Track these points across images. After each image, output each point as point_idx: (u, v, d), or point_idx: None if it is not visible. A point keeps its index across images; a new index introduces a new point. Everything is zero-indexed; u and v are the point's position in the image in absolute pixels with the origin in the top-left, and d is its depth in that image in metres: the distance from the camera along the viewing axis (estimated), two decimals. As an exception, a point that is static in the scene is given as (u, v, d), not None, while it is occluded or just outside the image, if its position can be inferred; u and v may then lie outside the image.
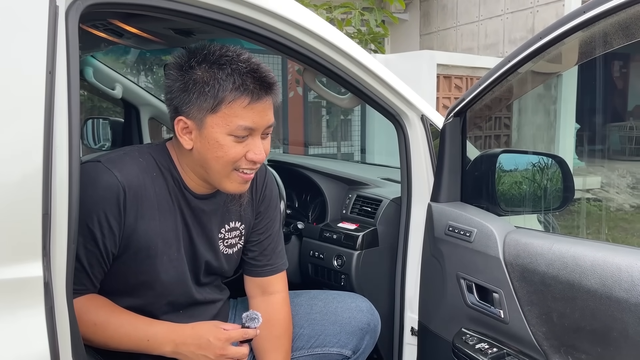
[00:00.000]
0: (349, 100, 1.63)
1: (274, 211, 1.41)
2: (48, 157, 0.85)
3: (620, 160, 8.44)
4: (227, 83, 1.09)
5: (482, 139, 6.06)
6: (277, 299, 1.38)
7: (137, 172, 1.15)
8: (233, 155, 1.13)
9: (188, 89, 1.10)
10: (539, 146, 6.63)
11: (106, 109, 4.47)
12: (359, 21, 6.26)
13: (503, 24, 7.57)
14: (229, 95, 1.09)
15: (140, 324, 1.15)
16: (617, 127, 8.95)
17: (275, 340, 1.33)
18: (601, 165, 8.08)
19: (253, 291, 1.40)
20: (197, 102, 1.10)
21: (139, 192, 1.14)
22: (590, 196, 7.03)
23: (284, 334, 1.35)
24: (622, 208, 7.01)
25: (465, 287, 1.37)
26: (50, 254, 0.86)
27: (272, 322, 1.33)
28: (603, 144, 8.74)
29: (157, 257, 1.18)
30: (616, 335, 1.01)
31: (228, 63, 1.10)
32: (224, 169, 1.15)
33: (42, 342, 0.83)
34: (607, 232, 5.99)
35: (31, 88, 0.84)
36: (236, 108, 1.10)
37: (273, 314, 1.35)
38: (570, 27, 1.09)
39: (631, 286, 0.97)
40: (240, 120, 1.11)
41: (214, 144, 1.12)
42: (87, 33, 1.72)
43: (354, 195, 1.82)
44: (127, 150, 1.20)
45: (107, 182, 1.10)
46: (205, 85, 1.09)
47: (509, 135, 6.41)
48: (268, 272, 1.38)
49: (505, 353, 1.25)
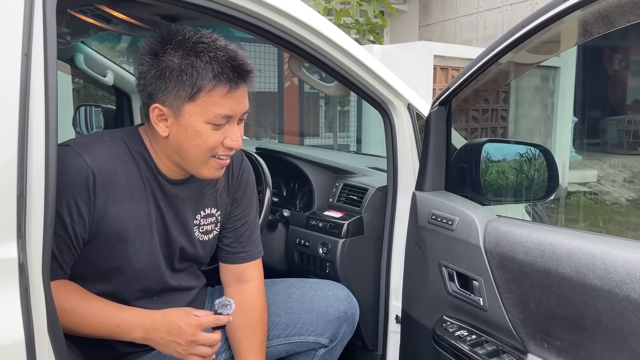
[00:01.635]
0: (336, 88, 1.63)
1: (250, 198, 1.40)
2: (23, 140, 0.85)
3: (618, 154, 8.43)
4: (205, 72, 1.08)
5: (479, 131, 6.06)
6: (252, 286, 1.38)
7: (108, 156, 1.14)
8: (211, 142, 1.13)
9: (165, 76, 1.09)
10: (536, 139, 6.63)
11: (102, 97, 4.47)
12: (357, 12, 6.24)
13: (502, 16, 7.55)
14: (207, 84, 1.08)
15: (111, 310, 1.14)
16: (615, 121, 8.93)
17: (250, 328, 1.33)
18: (598, 159, 8.08)
19: (228, 279, 1.40)
20: (174, 90, 1.09)
21: (109, 176, 1.13)
22: (586, 189, 7.04)
23: (259, 322, 1.35)
24: (618, 202, 7.02)
25: (446, 275, 1.38)
26: (25, 236, 0.86)
27: (247, 310, 1.33)
28: (601, 137, 8.74)
29: (128, 242, 1.18)
30: (590, 322, 1.02)
31: (205, 50, 1.09)
32: (201, 156, 1.15)
33: (16, 322, 0.84)
34: (602, 225, 6.01)
35: (6, 70, 0.84)
36: (215, 97, 1.10)
37: (248, 302, 1.35)
38: (551, 15, 1.09)
39: (604, 274, 0.98)
40: (218, 109, 1.10)
41: (192, 132, 1.12)
42: (76, 19, 1.72)
43: (341, 183, 1.83)
44: (98, 135, 1.20)
45: (76, 166, 1.09)
46: (183, 74, 1.08)
47: (505, 128, 6.41)
48: (243, 259, 1.38)
49: (483, 340, 1.26)
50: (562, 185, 6.48)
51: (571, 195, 6.61)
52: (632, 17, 1.01)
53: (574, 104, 6.91)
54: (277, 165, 1.96)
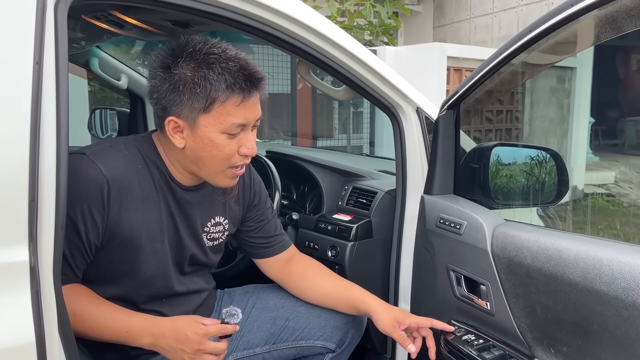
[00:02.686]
0: (344, 92, 1.64)
1: (266, 200, 1.46)
2: (35, 146, 0.88)
3: (636, 155, 8.30)
4: (218, 83, 1.09)
5: (493, 132, 6.01)
6: (299, 256, 1.49)
7: (122, 164, 1.16)
8: (228, 152, 1.15)
9: (178, 89, 1.10)
10: (551, 140, 6.56)
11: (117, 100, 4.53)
12: (370, 13, 6.23)
13: (517, 16, 7.49)
14: (221, 95, 1.10)
15: (119, 316, 1.16)
16: (633, 122, 8.79)
17: (328, 274, 1.46)
18: (615, 160, 7.97)
19: (273, 271, 1.47)
20: (188, 103, 1.11)
21: (123, 185, 1.15)
22: (603, 191, 6.95)
23: (326, 270, 1.47)
24: (635, 204, 6.92)
25: (454, 279, 1.38)
26: (37, 240, 0.88)
27: (311, 270, 1.46)
28: (618, 138, 8.61)
29: (140, 249, 1.20)
30: (596, 327, 1.01)
31: (217, 62, 1.10)
32: (219, 166, 1.17)
33: (27, 324, 0.86)
34: (619, 227, 5.93)
35: (18, 78, 0.86)
36: (229, 107, 1.11)
37: (306, 264, 1.47)
38: (559, 20, 1.09)
39: (611, 279, 0.98)
40: (233, 119, 1.12)
41: (209, 143, 1.14)
42: (90, 24, 1.75)
43: (350, 186, 1.84)
44: (113, 143, 1.22)
45: (91, 175, 1.11)
46: (197, 86, 1.09)
47: (519, 129, 6.35)
48: (279, 249, 1.45)
49: (491, 345, 1.26)
50: (579, 187, 6.41)
51: (588, 197, 6.53)
52: (639, 22, 1.00)
53: (590, 104, 6.83)
54: (287, 169, 1.98)
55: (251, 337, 1.41)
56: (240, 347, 1.40)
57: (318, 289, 1.43)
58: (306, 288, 1.44)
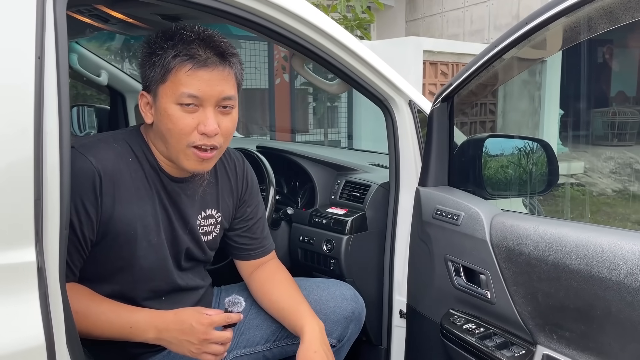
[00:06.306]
0: (338, 86, 1.63)
1: (257, 196, 1.44)
2: (39, 143, 0.85)
3: (603, 145, 8.55)
4: (171, 50, 1.11)
5: (468, 125, 6.10)
6: (272, 262, 1.45)
7: (112, 157, 1.15)
8: (182, 126, 1.12)
9: (144, 63, 1.15)
10: (524, 132, 6.70)
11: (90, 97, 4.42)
12: (344, 7, 6.23)
13: (488, 11, 7.60)
14: (172, 62, 1.11)
15: (122, 312, 1.14)
16: (600, 113, 9.04)
17: (287, 284, 1.40)
18: (584, 151, 8.19)
19: (247, 271, 1.43)
20: (150, 75, 1.13)
21: (114, 176, 1.14)
22: (573, 181, 7.13)
23: (288, 279, 1.42)
24: (604, 192, 7.12)
25: (452, 270, 1.40)
26: (43, 240, 0.86)
27: (275, 277, 1.41)
28: (586, 129, 8.85)
29: (136, 242, 1.18)
30: (599, 312, 1.04)
31: (177, 33, 1.13)
32: (177, 143, 1.14)
33: (37, 326, 0.84)
34: (590, 216, 6.10)
35: (22, 73, 0.84)
36: (180, 75, 1.11)
37: (272, 271, 1.43)
38: (556, 12, 1.11)
39: (613, 265, 1.00)
40: (184, 88, 1.11)
41: (164, 115, 1.13)
42: (72, 19, 1.70)
43: (343, 180, 1.84)
44: (101, 137, 1.21)
45: (81, 167, 1.09)
46: (154, 55, 1.12)
47: (494, 122, 6.46)
48: (260, 254, 1.42)
49: (492, 332, 1.28)
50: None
51: (559, 187, 6.70)
52: (636, 13, 1.03)
53: (560, 96, 6.99)
54: (278, 163, 1.97)
55: (252, 335, 1.40)
56: (241, 345, 1.39)
57: (272, 304, 1.38)
58: (263, 301, 1.40)
